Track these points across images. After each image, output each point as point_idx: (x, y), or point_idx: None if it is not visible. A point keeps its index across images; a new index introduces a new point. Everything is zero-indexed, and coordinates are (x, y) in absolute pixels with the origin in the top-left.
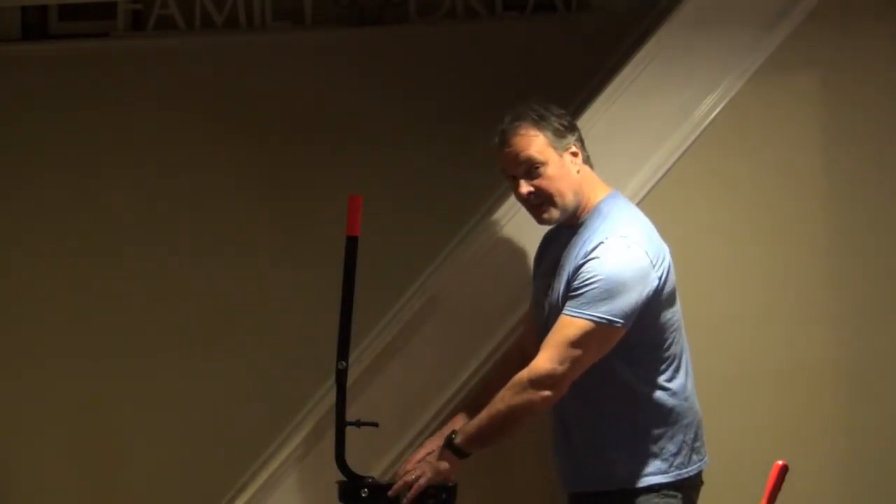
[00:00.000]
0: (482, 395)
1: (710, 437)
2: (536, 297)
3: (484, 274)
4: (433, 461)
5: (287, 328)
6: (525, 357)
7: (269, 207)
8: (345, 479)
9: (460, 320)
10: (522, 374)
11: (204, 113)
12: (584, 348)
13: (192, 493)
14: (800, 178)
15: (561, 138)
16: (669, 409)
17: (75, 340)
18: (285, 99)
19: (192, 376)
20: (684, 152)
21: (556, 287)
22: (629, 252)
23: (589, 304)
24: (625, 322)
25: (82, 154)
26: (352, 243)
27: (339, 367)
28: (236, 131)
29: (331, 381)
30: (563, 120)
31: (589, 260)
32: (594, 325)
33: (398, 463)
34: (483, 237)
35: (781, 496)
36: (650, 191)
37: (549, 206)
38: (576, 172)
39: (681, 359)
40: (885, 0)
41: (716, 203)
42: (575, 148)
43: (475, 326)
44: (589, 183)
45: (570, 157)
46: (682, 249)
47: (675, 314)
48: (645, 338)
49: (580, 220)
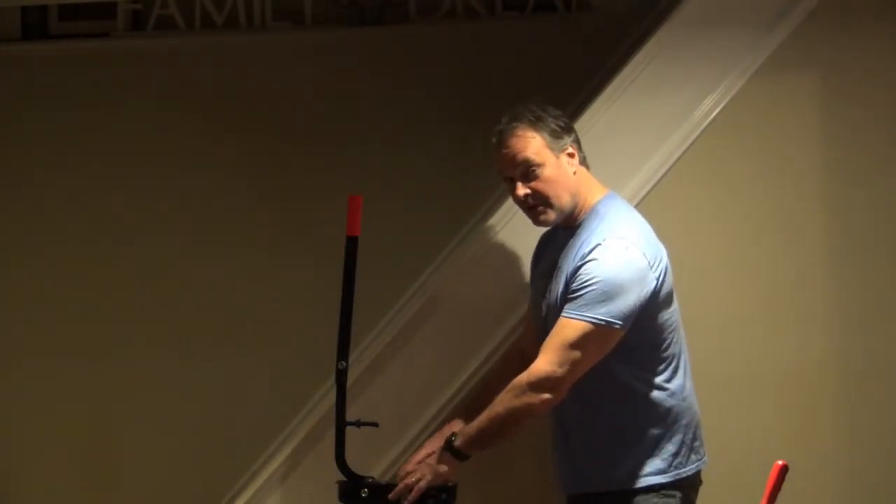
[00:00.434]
0: (482, 395)
1: (710, 437)
2: (535, 298)
3: (484, 274)
4: (433, 463)
5: (287, 328)
6: (525, 357)
7: (269, 207)
8: (345, 479)
9: (460, 320)
10: (522, 377)
11: (204, 113)
12: (583, 350)
13: (193, 492)
14: (800, 177)
15: (558, 139)
16: (668, 410)
17: (75, 340)
18: (285, 99)
19: (191, 376)
20: (685, 152)
21: (555, 288)
22: (627, 253)
23: (587, 305)
24: (623, 323)
25: (82, 154)
26: (352, 243)
27: (339, 367)
28: (236, 131)
29: (331, 381)
30: (559, 121)
31: (587, 262)
32: (593, 327)
33: (398, 463)
34: (483, 237)
35: (781, 496)
36: (651, 190)
37: (546, 208)
38: (572, 174)
39: (679, 359)
40: (885, 0)
41: (716, 202)
42: (572, 149)
43: (475, 326)
44: (586, 184)
45: (567, 159)
46: (683, 249)
47: (673, 314)
48: (644, 339)
49: (577, 222)
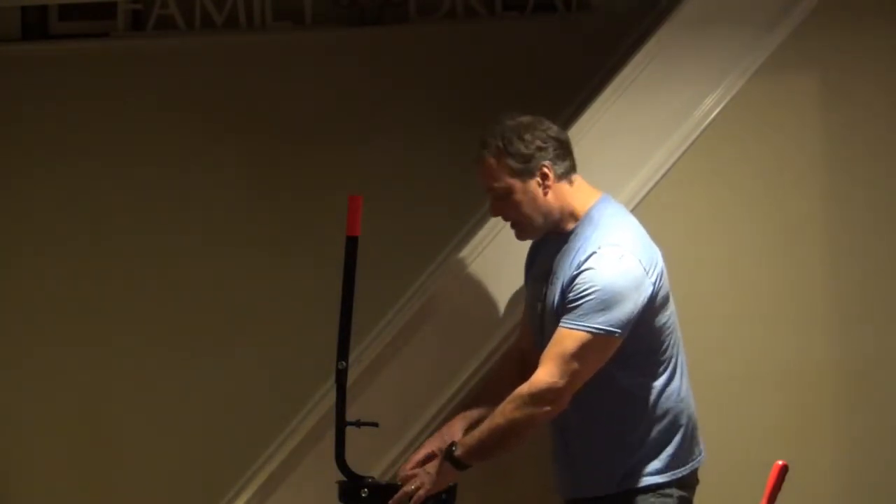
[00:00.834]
0: (482, 395)
1: (710, 437)
2: (530, 301)
3: (483, 274)
4: (432, 472)
5: (287, 328)
6: (524, 357)
7: (269, 207)
8: (345, 479)
9: (460, 320)
10: (523, 389)
11: (204, 113)
12: (583, 360)
13: (192, 492)
14: (800, 177)
15: (526, 164)
16: (667, 412)
17: (75, 340)
18: (285, 99)
19: (191, 376)
20: (685, 152)
21: (550, 294)
22: (622, 261)
23: (586, 315)
24: (622, 331)
25: (82, 154)
26: (352, 243)
27: (339, 367)
28: (236, 131)
29: (331, 381)
30: (532, 143)
31: (583, 271)
32: (592, 337)
33: (398, 463)
34: (483, 237)
35: (781, 496)
36: (651, 190)
37: (519, 229)
38: (543, 196)
39: (677, 360)
40: (885, 0)
41: (716, 202)
42: (545, 169)
43: (475, 326)
44: (570, 195)
45: (539, 181)
46: (683, 249)
47: (670, 316)
48: (641, 345)
49: (569, 230)
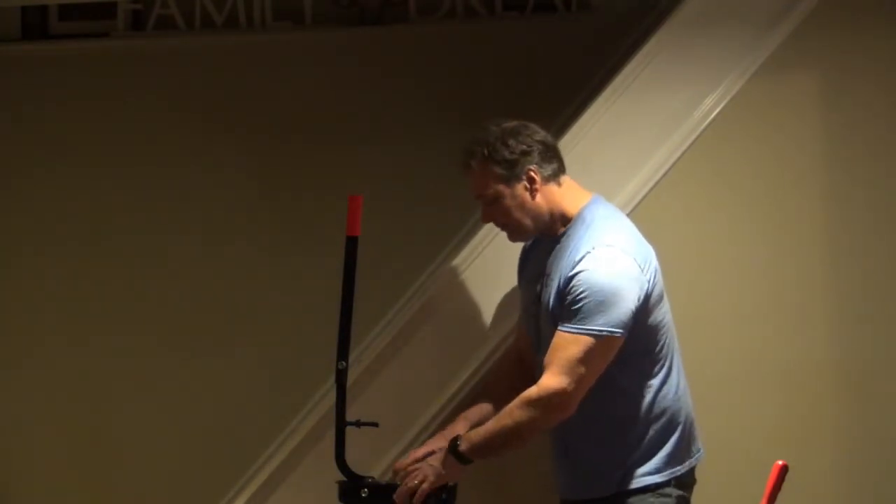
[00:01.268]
0: (482, 397)
1: (710, 436)
2: (525, 304)
3: (483, 274)
4: (436, 464)
5: (287, 328)
6: (522, 357)
7: (269, 207)
8: (345, 479)
9: (460, 320)
10: (532, 393)
11: (203, 113)
12: (588, 363)
13: (193, 493)
14: (801, 176)
15: (512, 168)
16: (664, 410)
17: (75, 340)
18: (285, 99)
19: (191, 376)
20: (685, 152)
21: (545, 295)
22: (618, 261)
23: (587, 318)
24: (623, 331)
25: (82, 154)
26: (352, 243)
27: (339, 367)
28: (236, 131)
29: (331, 381)
30: (516, 147)
31: (578, 273)
32: (595, 340)
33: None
34: (482, 238)
35: (781, 496)
36: (651, 190)
37: (511, 232)
38: (532, 199)
39: (672, 358)
40: (885, 0)
41: (717, 202)
42: (532, 173)
43: (475, 326)
44: (560, 197)
45: (526, 185)
46: (683, 248)
47: (665, 314)
48: (638, 344)
49: (561, 231)
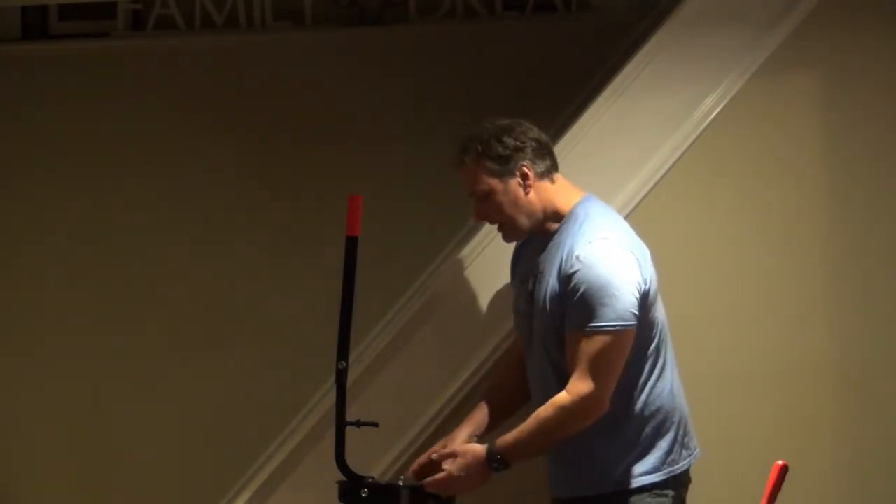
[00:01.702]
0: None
1: (710, 436)
2: (517, 303)
3: (483, 274)
4: (464, 475)
5: (287, 328)
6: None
7: (269, 207)
8: (345, 479)
9: (460, 320)
10: (564, 400)
11: (204, 113)
12: (610, 359)
13: (192, 493)
14: (801, 176)
15: (505, 164)
16: (658, 409)
17: (75, 340)
18: (285, 99)
19: (191, 376)
20: (685, 152)
21: (539, 293)
22: (614, 254)
23: (596, 315)
24: (635, 320)
25: (82, 154)
26: (352, 243)
27: (339, 367)
28: (236, 131)
29: (331, 381)
30: (510, 143)
31: (577, 270)
32: (610, 335)
33: (398, 463)
34: (482, 237)
35: (781, 496)
36: (651, 190)
37: (505, 230)
38: (525, 195)
39: (666, 356)
40: (885, 0)
41: (717, 202)
42: (525, 168)
43: (475, 326)
44: (553, 194)
45: (519, 181)
46: (684, 248)
47: (659, 311)
48: (634, 342)
49: (554, 228)
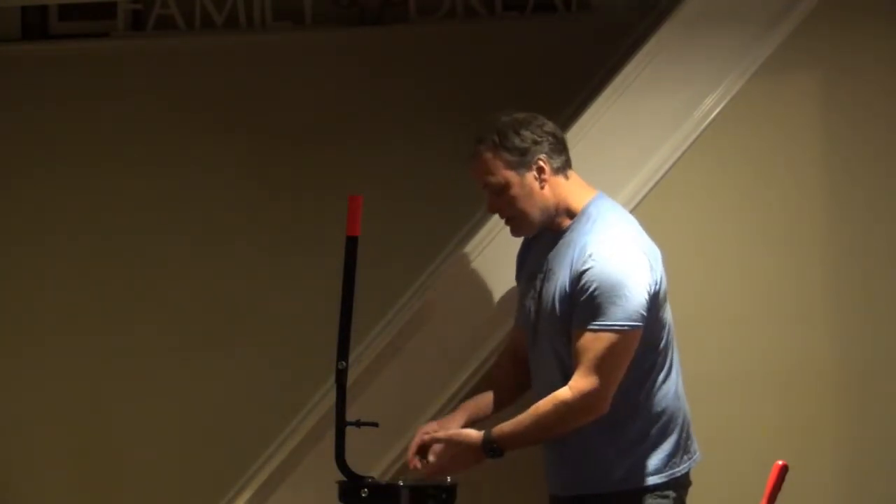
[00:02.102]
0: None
1: (711, 437)
2: (522, 300)
3: (483, 274)
4: (463, 449)
5: (287, 328)
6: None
7: (269, 207)
8: (345, 479)
9: (460, 320)
10: (565, 396)
11: (204, 113)
12: (616, 359)
13: (192, 493)
14: (801, 176)
15: (522, 157)
16: (662, 410)
17: (75, 340)
18: (285, 99)
19: (191, 376)
20: (685, 152)
21: (547, 291)
22: (627, 253)
23: (605, 314)
24: (643, 322)
25: (82, 154)
26: (352, 243)
27: (339, 367)
28: (236, 131)
29: (331, 381)
30: (527, 137)
31: (588, 268)
32: (618, 335)
33: (398, 463)
34: (482, 237)
35: (781, 496)
36: (651, 189)
37: (516, 225)
38: (540, 189)
39: (672, 358)
40: (885, 0)
41: (717, 202)
42: (542, 163)
43: (475, 326)
44: (566, 190)
45: (535, 174)
46: (684, 248)
47: (668, 313)
48: (643, 341)
49: (565, 226)
